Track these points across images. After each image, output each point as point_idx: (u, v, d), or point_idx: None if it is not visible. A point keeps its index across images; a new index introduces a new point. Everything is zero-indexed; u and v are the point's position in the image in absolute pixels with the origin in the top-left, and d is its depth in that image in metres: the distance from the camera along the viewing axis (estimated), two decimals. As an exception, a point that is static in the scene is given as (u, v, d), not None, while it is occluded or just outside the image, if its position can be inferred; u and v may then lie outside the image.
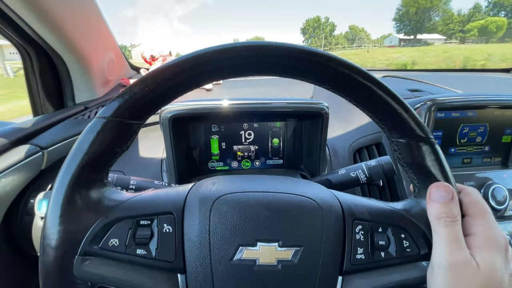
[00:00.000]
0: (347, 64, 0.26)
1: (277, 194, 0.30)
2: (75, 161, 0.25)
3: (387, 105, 0.27)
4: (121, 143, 0.27)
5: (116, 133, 0.26)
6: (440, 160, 0.28)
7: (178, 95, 0.28)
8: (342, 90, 0.28)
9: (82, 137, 0.26)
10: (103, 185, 0.28)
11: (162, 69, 0.25)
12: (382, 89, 0.26)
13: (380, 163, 0.49)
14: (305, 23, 73.62)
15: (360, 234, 0.28)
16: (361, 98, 0.28)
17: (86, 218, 0.26)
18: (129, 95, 0.25)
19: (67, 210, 0.25)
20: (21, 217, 0.54)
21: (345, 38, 72.12)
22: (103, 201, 0.27)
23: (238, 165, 0.68)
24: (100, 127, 0.25)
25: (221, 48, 0.25)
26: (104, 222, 0.26)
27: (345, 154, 0.66)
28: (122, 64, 0.96)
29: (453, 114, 0.61)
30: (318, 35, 71.42)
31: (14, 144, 0.53)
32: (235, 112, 0.59)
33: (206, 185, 0.31)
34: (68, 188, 0.25)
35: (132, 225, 0.27)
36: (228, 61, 0.26)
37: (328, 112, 0.58)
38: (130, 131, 0.27)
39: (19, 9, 0.53)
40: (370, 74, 0.26)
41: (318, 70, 0.26)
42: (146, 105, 0.26)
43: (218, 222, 0.27)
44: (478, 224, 0.26)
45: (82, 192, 0.26)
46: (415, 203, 0.30)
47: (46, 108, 0.70)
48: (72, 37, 0.64)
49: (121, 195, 0.28)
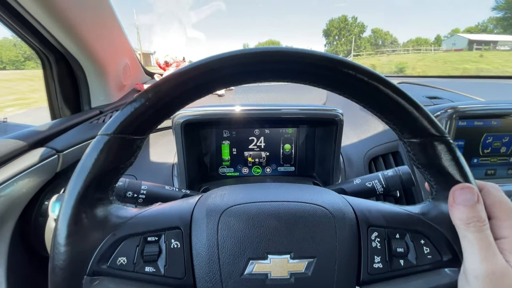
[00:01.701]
0: (351, 64, 0.25)
1: (286, 203, 0.29)
2: (79, 181, 0.25)
3: (396, 104, 0.26)
4: (125, 159, 0.27)
5: (119, 149, 0.26)
6: (457, 159, 0.26)
7: (179, 108, 0.27)
8: (346, 90, 0.27)
9: (85, 156, 0.25)
10: (109, 203, 0.27)
11: (163, 82, 0.25)
12: (390, 87, 0.25)
13: (398, 173, 0.47)
14: (328, 24, 67.19)
15: (376, 242, 0.27)
16: (368, 98, 0.27)
17: (94, 237, 0.25)
18: (131, 110, 0.25)
19: (74, 231, 0.24)
20: (35, 218, 0.55)
21: (368, 42, 65.50)
22: (110, 219, 0.26)
23: (249, 171, 0.67)
24: (103, 145, 0.25)
25: (221, 58, 0.25)
26: (112, 240, 0.26)
27: (360, 163, 0.64)
28: (137, 70, 0.98)
29: (476, 123, 0.58)
30: (346, 37, 64.57)
31: (32, 146, 0.54)
32: (246, 118, 0.59)
33: (212, 197, 0.30)
34: (74, 208, 0.24)
35: (139, 242, 0.26)
36: (228, 70, 0.25)
37: (343, 119, 0.56)
38: (133, 146, 0.27)
39: (41, 17, 0.55)
40: (375, 72, 0.25)
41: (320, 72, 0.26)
42: (148, 119, 0.26)
43: (226, 235, 0.26)
44: (507, 226, 0.24)
45: (88, 212, 0.25)
46: (433, 206, 0.28)
47: (63, 112, 0.72)
48: (90, 44, 0.66)
49: (128, 211, 0.28)
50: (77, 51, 0.66)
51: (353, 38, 63.23)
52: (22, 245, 0.54)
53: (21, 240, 0.53)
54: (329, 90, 0.27)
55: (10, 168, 0.48)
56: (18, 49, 6.79)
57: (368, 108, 0.28)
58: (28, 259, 0.55)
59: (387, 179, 0.47)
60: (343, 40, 64.87)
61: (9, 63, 6.75)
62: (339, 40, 65.37)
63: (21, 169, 0.48)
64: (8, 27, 0.57)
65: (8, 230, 0.50)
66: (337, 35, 65.88)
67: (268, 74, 0.26)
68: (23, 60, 7.14)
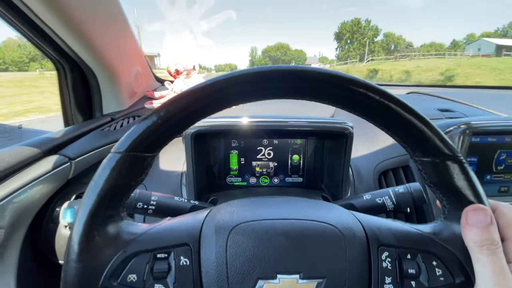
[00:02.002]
0: (361, 82, 0.25)
1: (295, 221, 0.29)
2: (92, 199, 0.25)
3: (407, 123, 0.25)
4: (136, 176, 0.27)
5: (131, 167, 0.26)
6: (470, 179, 0.25)
7: (190, 125, 0.28)
8: (356, 108, 0.27)
9: (98, 174, 0.26)
10: (120, 219, 0.28)
11: (174, 101, 0.25)
12: (401, 105, 0.25)
13: (409, 190, 0.46)
14: (340, 27, 63.68)
15: (387, 262, 0.26)
16: (378, 116, 0.27)
17: (105, 254, 0.25)
18: (142, 128, 0.25)
19: (86, 248, 0.25)
20: (46, 225, 0.56)
21: (380, 47, 62.22)
22: (121, 235, 0.27)
23: (257, 181, 0.67)
24: (115, 163, 0.26)
25: (227, 77, 0.25)
26: (122, 257, 0.26)
27: (370, 177, 0.64)
28: (148, 77, 1.00)
29: (490, 139, 0.57)
30: (359, 41, 60.58)
31: (45, 154, 0.55)
32: (255, 129, 0.59)
33: (221, 213, 0.30)
34: (86, 225, 0.25)
35: (149, 259, 0.26)
36: (235, 88, 0.26)
37: (353, 132, 0.56)
38: (144, 164, 0.27)
39: (58, 28, 0.57)
40: (385, 90, 0.25)
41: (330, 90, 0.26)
42: (159, 137, 0.27)
43: (235, 254, 0.26)
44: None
45: (100, 229, 0.26)
46: (445, 226, 0.28)
47: (76, 118, 0.74)
48: (104, 53, 0.67)
49: (138, 227, 0.28)
50: (91, 60, 0.67)
51: (367, 41, 59.93)
52: (32, 251, 0.55)
53: (32, 246, 0.54)
54: (338, 107, 0.28)
55: (25, 175, 0.49)
56: (23, 50, 6.80)
57: (378, 126, 0.28)
58: (38, 265, 0.56)
59: (398, 196, 0.46)
60: (355, 44, 61.66)
61: (12, 64, 6.77)
62: (351, 44, 62.36)
63: (35, 176, 0.50)
64: (27, 38, 0.59)
65: (19, 236, 0.51)
66: (349, 38, 62.63)
67: (272, 91, 0.27)
68: (27, 61, 7.15)
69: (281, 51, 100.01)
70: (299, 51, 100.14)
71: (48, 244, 0.55)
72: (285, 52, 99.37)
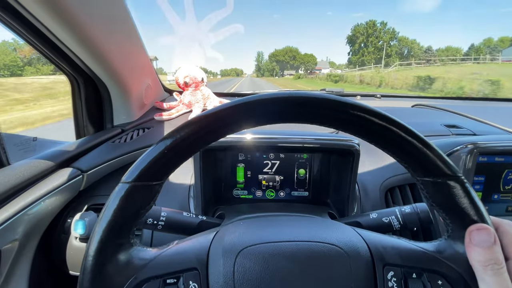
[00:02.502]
0: (361, 106, 0.26)
1: (300, 243, 0.29)
2: (102, 228, 0.26)
3: (408, 145, 0.26)
4: (145, 204, 0.28)
5: (139, 196, 0.27)
6: (472, 198, 0.26)
7: (196, 151, 0.29)
8: (358, 132, 0.27)
9: (108, 204, 0.27)
10: (130, 246, 0.28)
11: (179, 129, 0.27)
12: (401, 128, 0.26)
13: (415, 211, 0.46)
14: (353, 29, 59.41)
15: (392, 282, 0.27)
16: (378, 138, 0.27)
17: (117, 281, 0.26)
18: (150, 158, 0.26)
19: (98, 277, 0.26)
20: (58, 236, 0.57)
21: (394, 52, 58.23)
22: (132, 262, 0.27)
23: (263, 195, 0.68)
24: (124, 193, 0.26)
25: (232, 105, 0.26)
26: (134, 283, 0.27)
27: (376, 193, 0.64)
28: (157, 88, 1.02)
29: (497, 159, 0.57)
30: (374, 44, 56.12)
31: (59, 166, 0.57)
32: (261, 146, 0.60)
33: (227, 235, 0.31)
34: (97, 255, 0.26)
35: (159, 284, 0.27)
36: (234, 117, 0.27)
37: (359, 149, 0.57)
38: (152, 192, 0.28)
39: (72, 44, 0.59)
40: (385, 113, 0.26)
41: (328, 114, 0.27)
42: (165, 166, 0.28)
43: (243, 278, 0.27)
44: None
45: (111, 257, 0.26)
46: (448, 245, 0.28)
47: (87, 130, 0.76)
48: (117, 68, 0.70)
49: (148, 253, 0.29)
50: (104, 75, 0.70)
51: (384, 45, 55.06)
52: (44, 261, 0.56)
53: (43, 256, 0.56)
54: (340, 130, 0.28)
55: (40, 188, 0.50)
56: (18, 53, 6.44)
57: (379, 147, 0.28)
58: (49, 274, 0.57)
59: (405, 216, 0.46)
60: (370, 48, 57.18)
61: (3, 68, 6.36)
62: (365, 47, 58.05)
63: (49, 189, 0.51)
64: (43, 54, 0.61)
65: (32, 246, 0.52)
66: (363, 42, 58.23)
67: (273, 117, 0.28)
68: (21, 65, 6.79)
69: (289, 55, 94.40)
70: (309, 56, 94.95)
71: (60, 254, 0.56)
72: (293, 56, 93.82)
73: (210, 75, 52.45)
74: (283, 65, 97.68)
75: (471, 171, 0.56)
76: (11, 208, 0.44)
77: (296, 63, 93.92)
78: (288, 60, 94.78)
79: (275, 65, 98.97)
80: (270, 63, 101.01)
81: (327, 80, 36.84)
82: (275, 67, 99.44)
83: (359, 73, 32.37)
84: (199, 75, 0.95)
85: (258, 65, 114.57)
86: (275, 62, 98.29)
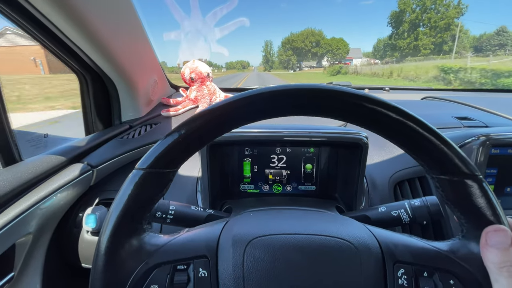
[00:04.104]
0: (377, 100, 0.25)
1: (311, 236, 0.29)
2: (116, 214, 0.27)
3: (425, 142, 0.25)
4: (158, 191, 0.28)
5: (153, 182, 0.27)
6: (490, 198, 0.25)
7: (209, 141, 0.29)
8: (372, 126, 0.27)
9: (122, 189, 0.27)
10: (143, 231, 0.29)
11: (193, 118, 0.27)
12: (419, 124, 0.25)
13: (425, 204, 0.45)
14: (399, 2, 40.94)
15: (403, 279, 0.27)
16: (394, 134, 0.27)
17: (129, 265, 0.27)
18: (164, 146, 0.27)
19: (111, 259, 0.26)
20: (70, 230, 0.59)
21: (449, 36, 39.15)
22: (144, 247, 0.28)
23: (269, 189, 0.68)
24: (138, 179, 0.27)
25: (245, 96, 0.26)
26: (145, 268, 0.27)
27: (385, 187, 0.63)
28: (164, 84, 1.03)
29: (510, 151, 0.55)
30: (433, 23, 37.49)
31: (70, 162, 0.58)
32: (268, 140, 0.60)
33: (238, 225, 0.31)
34: (111, 238, 0.26)
35: (170, 270, 0.28)
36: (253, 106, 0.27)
37: (367, 142, 0.56)
38: (166, 179, 0.28)
39: (81, 42, 0.60)
40: (402, 108, 0.25)
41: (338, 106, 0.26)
42: (179, 154, 0.28)
43: (252, 267, 0.27)
44: None
45: (124, 241, 0.27)
46: (463, 245, 0.27)
47: (96, 126, 0.77)
48: (124, 65, 0.70)
49: (160, 239, 0.29)
50: (112, 72, 0.70)
51: (451, 24, 35.52)
52: (57, 254, 0.57)
53: (56, 249, 0.57)
54: (354, 124, 0.28)
55: (52, 182, 0.52)
56: None
57: (394, 142, 0.28)
58: (62, 267, 0.59)
59: (414, 209, 0.46)
60: (427, 29, 39.41)
61: None
62: (418, 27, 39.31)
63: (61, 184, 0.52)
64: (51, 51, 0.62)
65: (45, 240, 0.54)
66: (416, 20, 39.65)
67: (285, 110, 0.28)
68: None
69: (311, 40, 69.64)
70: (338, 40, 67.71)
71: (72, 248, 0.58)
72: (317, 42, 68.84)
73: (215, 69, 47.81)
74: (301, 54, 74.25)
75: (483, 164, 0.54)
76: (25, 203, 0.46)
77: (321, 51, 69.61)
78: (309, 46, 71.49)
79: (291, 55, 75.43)
80: (283, 52, 78.09)
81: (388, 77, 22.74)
82: (291, 57, 76.84)
83: (441, 63, 20.64)
84: (205, 70, 0.95)
85: (266, 56, 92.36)
86: (291, 50, 75.29)
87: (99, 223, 0.54)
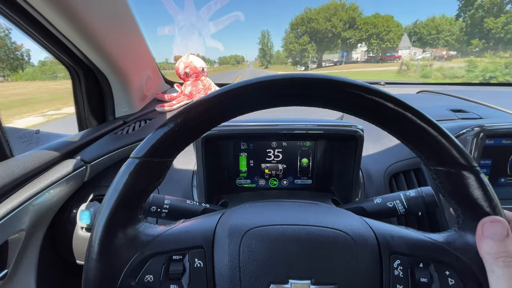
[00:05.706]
0: (375, 90, 0.25)
1: (307, 227, 0.29)
2: (112, 202, 0.26)
3: (423, 133, 0.25)
4: (154, 180, 0.28)
5: (148, 172, 0.27)
6: (487, 190, 0.25)
7: (205, 131, 0.29)
8: (370, 117, 0.27)
9: (118, 178, 0.27)
10: (138, 221, 0.29)
11: (191, 107, 0.27)
12: (417, 115, 0.25)
13: (420, 194, 0.46)
14: None
15: (399, 270, 0.27)
16: (392, 125, 0.27)
17: (124, 254, 0.27)
18: (160, 135, 0.27)
19: (106, 248, 0.26)
20: (64, 226, 0.58)
21: None
22: (139, 237, 0.28)
23: (266, 183, 0.68)
24: (134, 167, 0.27)
25: (243, 85, 0.26)
26: (140, 258, 0.27)
27: (380, 179, 0.63)
28: (158, 80, 1.02)
29: (504, 142, 0.55)
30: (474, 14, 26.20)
31: (63, 157, 0.57)
32: (264, 133, 0.59)
33: (234, 216, 0.31)
34: (106, 227, 0.26)
35: (165, 260, 0.27)
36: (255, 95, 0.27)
37: (363, 135, 0.56)
38: (161, 168, 0.28)
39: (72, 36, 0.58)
40: (400, 99, 0.25)
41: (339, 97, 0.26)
42: (176, 143, 0.28)
43: (248, 258, 0.27)
44: None
45: (119, 230, 0.27)
46: (459, 236, 0.27)
47: (90, 122, 0.76)
48: (117, 60, 0.69)
49: (155, 229, 0.29)
50: (104, 66, 0.69)
51: None
52: (51, 251, 0.57)
53: (50, 246, 0.57)
54: (350, 114, 0.28)
55: (44, 178, 0.51)
56: None
57: (392, 133, 0.27)
58: (57, 264, 0.58)
59: (409, 200, 0.46)
60: None
61: None
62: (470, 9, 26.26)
63: (54, 179, 0.52)
64: (42, 46, 0.61)
65: (39, 237, 0.53)
66: None
67: (279, 100, 0.28)
68: None
69: (340, 18, 41.22)
70: (389, 19, 39.81)
71: (66, 244, 0.57)
72: (351, 22, 40.37)
73: (207, 64, 46.67)
74: (323, 44, 44.37)
75: (478, 155, 0.55)
76: (16, 199, 0.45)
77: (358, 35, 40.81)
78: (339, 29, 41.12)
79: (307, 42, 45.14)
80: (295, 39, 47.39)
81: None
82: (308, 46, 46.23)
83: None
84: (199, 65, 0.94)
85: (263, 49, 67.84)
86: (307, 34, 44.22)
87: (93, 219, 0.54)
